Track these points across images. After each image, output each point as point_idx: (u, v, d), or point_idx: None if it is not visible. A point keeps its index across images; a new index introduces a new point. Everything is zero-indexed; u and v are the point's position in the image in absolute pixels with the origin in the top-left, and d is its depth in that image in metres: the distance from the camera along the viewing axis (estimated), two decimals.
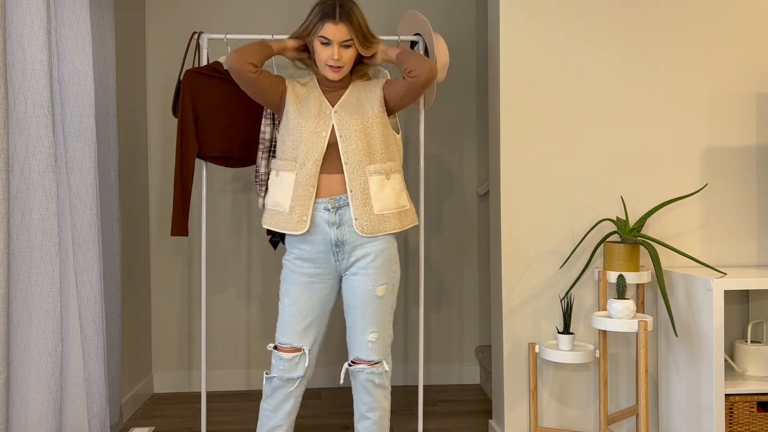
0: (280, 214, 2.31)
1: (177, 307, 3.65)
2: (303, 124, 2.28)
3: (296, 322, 2.30)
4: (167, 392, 3.63)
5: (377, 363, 2.31)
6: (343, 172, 2.26)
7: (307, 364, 2.31)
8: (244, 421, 3.17)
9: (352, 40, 2.24)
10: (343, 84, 2.36)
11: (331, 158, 2.27)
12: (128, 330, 3.25)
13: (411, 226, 2.39)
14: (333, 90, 2.35)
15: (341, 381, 2.38)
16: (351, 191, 2.25)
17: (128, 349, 3.24)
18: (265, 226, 2.38)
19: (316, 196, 2.27)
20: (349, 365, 2.34)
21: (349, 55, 2.27)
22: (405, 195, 2.39)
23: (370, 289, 2.28)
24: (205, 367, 2.76)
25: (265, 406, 2.35)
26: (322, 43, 2.25)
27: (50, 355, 2.26)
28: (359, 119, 2.28)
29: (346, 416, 3.15)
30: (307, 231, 2.26)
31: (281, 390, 2.31)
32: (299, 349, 2.30)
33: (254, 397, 3.53)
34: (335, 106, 2.30)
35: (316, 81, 2.38)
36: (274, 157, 2.62)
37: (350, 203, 2.25)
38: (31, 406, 2.22)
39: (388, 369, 2.33)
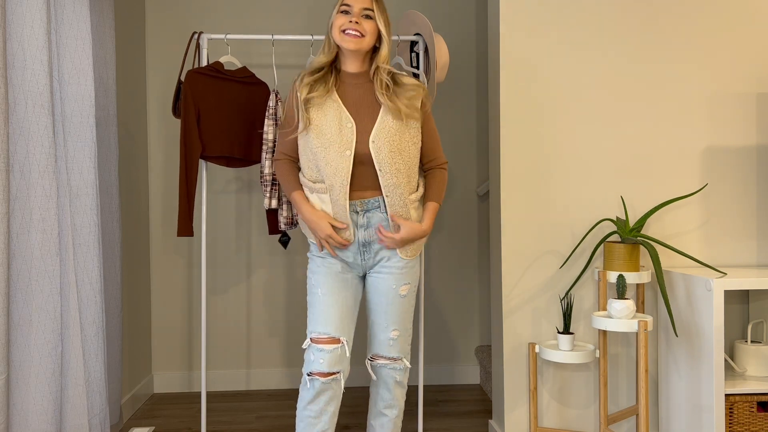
0: None
1: (177, 307, 3.65)
2: (326, 144, 2.19)
3: (334, 311, 2.21)
4: (167, 392, 3.63)
5: (398, 359, 2.31)
6: (372, 188, 2.22)
7: (348, 356, 2.21)
8: (244, 421, 3.17)
9: (372, 11, 2.19)
10: (363, 81, 2.26)
11: (361, 176, 2.22)
12: (128, 330, 3.24)
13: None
14: (353, 90, 2.24)
15: (373, 377, 2.36)
16: (392, 222, 2.23)
17: (128, 349, 3.24)
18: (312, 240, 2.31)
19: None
20: (370, 360, 2.35)
21: (370, 26, 2.19)
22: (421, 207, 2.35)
23: (393, 288, 2.27)
24: (205, 367, 2.76)
25: (306, 413, 2.21)
26: (341, 12, 2.20)
27: (50, 355, 2.26)
28: (395, 142, 2.22)
29: (346, 416, 3.15)
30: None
31: (326, 393, 2.19)
32: (338, 340, 2.19)
33: (254, 397, 3.54)
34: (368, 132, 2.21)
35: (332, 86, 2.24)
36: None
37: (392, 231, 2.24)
38: (31, 406, 2.21)
39: (409, 366, 2.34)
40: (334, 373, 2.19)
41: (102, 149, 2.77)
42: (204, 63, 2.70)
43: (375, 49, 2.26)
